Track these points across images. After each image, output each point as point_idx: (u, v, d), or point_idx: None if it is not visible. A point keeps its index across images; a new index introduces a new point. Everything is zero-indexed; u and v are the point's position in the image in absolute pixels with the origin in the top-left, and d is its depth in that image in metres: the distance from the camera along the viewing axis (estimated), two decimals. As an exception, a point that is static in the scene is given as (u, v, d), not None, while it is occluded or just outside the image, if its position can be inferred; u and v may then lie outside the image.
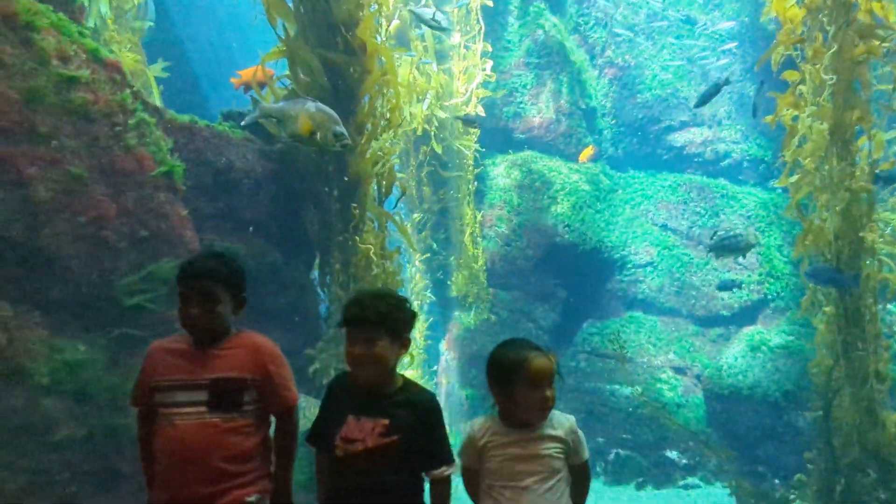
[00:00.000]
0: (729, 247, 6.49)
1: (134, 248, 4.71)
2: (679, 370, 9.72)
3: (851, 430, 5.39)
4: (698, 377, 9.59)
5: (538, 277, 10.69)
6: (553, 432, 2.31)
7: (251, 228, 5.45)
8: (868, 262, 5.41)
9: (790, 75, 5.87)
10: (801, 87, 5.76)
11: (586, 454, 2.38)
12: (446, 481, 2.37)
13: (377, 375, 2.32)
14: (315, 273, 6.41)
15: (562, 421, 2.35)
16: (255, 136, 5.85)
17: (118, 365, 4.67)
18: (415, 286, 9.99)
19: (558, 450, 2.29)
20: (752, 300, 9.83)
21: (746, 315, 9.81)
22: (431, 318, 10.51)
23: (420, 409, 2.35)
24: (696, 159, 11.07)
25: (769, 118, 6.34)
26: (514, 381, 2.28)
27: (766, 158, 10.69)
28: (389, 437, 2.23)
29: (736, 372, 9.09)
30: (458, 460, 2.39)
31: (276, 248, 5.77)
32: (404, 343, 2.36)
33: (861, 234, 5.29)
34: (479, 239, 9.97)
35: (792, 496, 6.48)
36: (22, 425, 4.21)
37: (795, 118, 5.97)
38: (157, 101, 5.31)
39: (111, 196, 4.61)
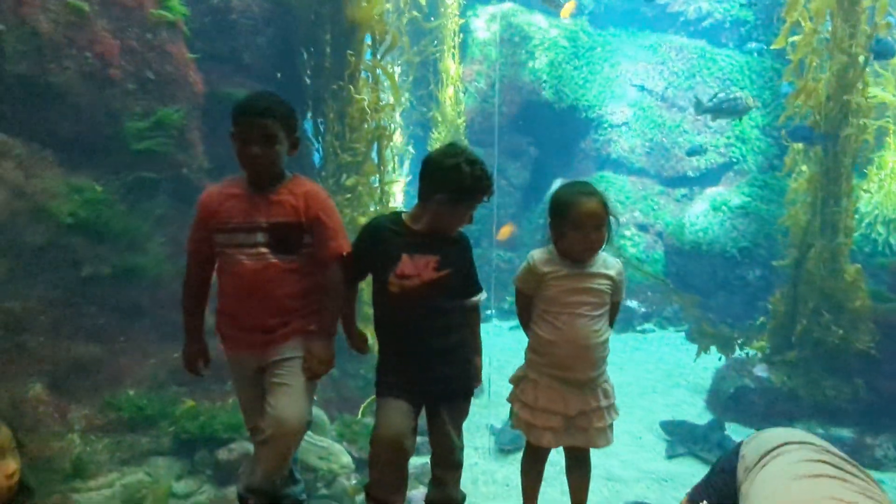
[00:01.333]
0: (727, 109, 6.71)
1: (140, 88, 4.60)
2: (642, 227, 10.32)
3: (815, 278, 6.01)
4: (660, 234, 10.23)
5: (511, 135, 10.83)
6: (605, 271, 2.55)
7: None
8: (853, 123, 5.76)
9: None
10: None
11: (624, 294, 2.68)
12: (478, 307, 2.70)
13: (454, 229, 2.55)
14: (308, 122, 6.37)
15: (612, 263, 2.59)
16: (248, -28, 5.54)
17: (133, 206, 4.74)
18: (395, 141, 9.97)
19: (608, 286, 2.56)
20: (718, 163, 10.31)
21: (711, 177, 10.33)
22: (410, 177, 10.66)
23: (463, 247, 2.60)
24: (678, 18, 10.98)
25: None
26: (564, 221, 2.46)
27: (748, 19, 10.69)
28: (440, 271, 2.48)
29: (697, 229, 9.75)
30: (515, 285, 2.63)
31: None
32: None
33: (849, 98, 5.59)
34: (461, 95, 9.89)
35: (739, 339, 7.27)
36: (51, 261, 4.32)
37: None
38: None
39: (114, 33, 4.42)
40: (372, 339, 2.73)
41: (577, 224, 2.44)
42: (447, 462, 2.66)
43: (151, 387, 4.88)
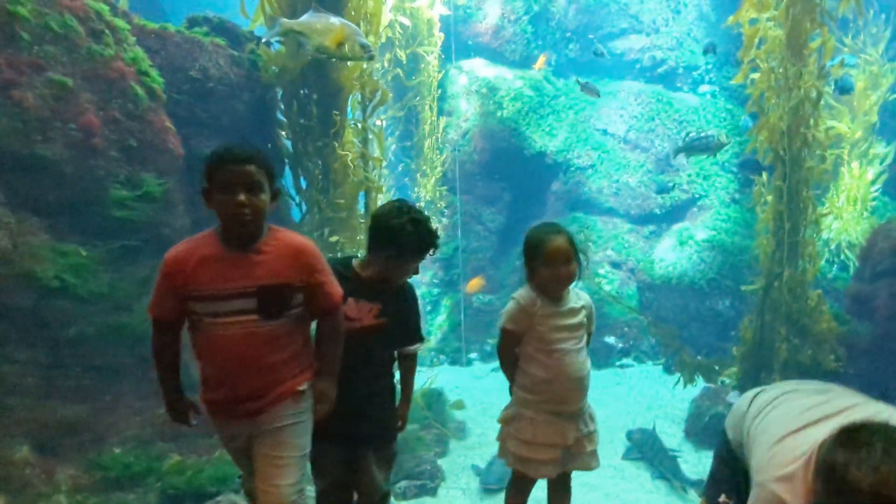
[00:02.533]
0: (699, 147, 7.04)
1: (123, 155, 4.83)
2: (616, 265, 10.63)
3: (781, 304, 6.29)
4: (632, 270, 10.54)
5: (486, 181, 11.20)
6: (579, 304, 2.78)
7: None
8: (811, 156, 6.15)
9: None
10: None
11: (595, 324, 2.89)
12: (415, 356, 2.88)
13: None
14: (287, 179, 6.62)
15: (582, 294, 2.82)
16: (224, 41, 5.87)
17: (117, 270, 4.90)
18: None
19: (585, 319, 2.80)
20: (682, 199, 10.73)
21: (676, 213, 10.73)
22: None
23: (407, 296, 2.81)
24: (635, 65, 11.57)
25: (730, 19, 6.70)
26: (535, 259, 2.70)
27: (699, 65, 11.31)
28: (380, 318, 2.65)
29: (666, 264, 10.09)
30: (501, 323, 2.81)
31: (252, 155, 5.93)
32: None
33: (805, 131, 5.98)
34: (438, 145, 10.28)
35: (716, 367, 7.50)
36: (37, 324, 4.45)
37: (753, 21, 6.43)
38: (124, 5, 5.24)
39: (97, 104, 4.67)
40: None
41: (548, 261, 2.66)
42: (373, 500, 2.82)
43: (138, 444, 4.95)
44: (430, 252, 2.68)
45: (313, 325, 2.60)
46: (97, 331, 4.77)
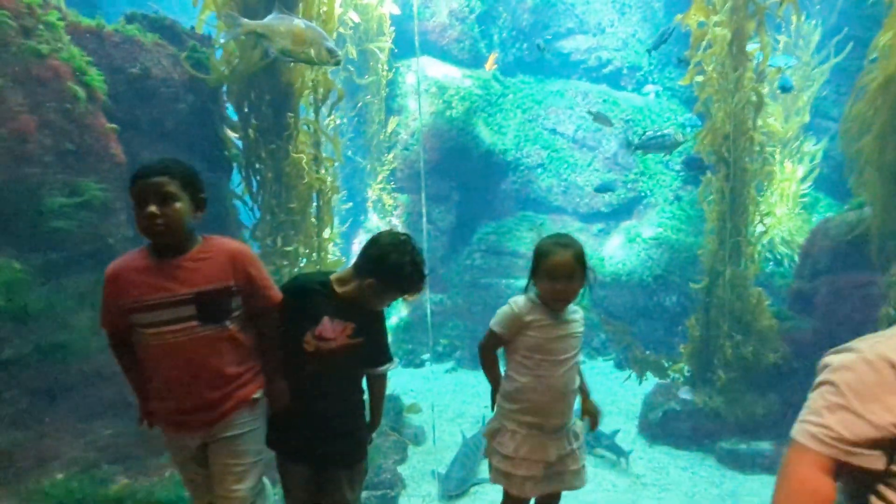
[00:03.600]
0: (656, 145, 7.12)
1: (59, 161, 4.52)
2: (565, 263, 10.75)
3: (724, 302, 6.47)
4: (582, 268, 10.69)
5: (435, 180, 11.13)
6: (576, 317, 2.70)
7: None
8: (752, 159, 6.33)
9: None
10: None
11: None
12: (384, 376, 2.81)
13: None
14: (235, 184, 6.38)
15: (577, 309, 2.75)
16: (165, 41, 5.59)
17: (55, 283, 4.60)
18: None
19: (580, 331, 2.72)
20: (628, 198, 10.94)
21: (623, 211, 10.94)
22: (351, 220, 10.78)
23: (376, 315, 2.71)
24: (581, 65, 11.71)
25: (679, 17, 6.82)
26: (540, 270, 2.60)
27: (641, 66, 11.54)
28: (355, 338, 2.55)
29: (616, 261, 10.27)
30: (491, 323, 2.70)
31: (198, 160, 5.68)
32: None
33: (747, 134, 6.15)
34: (388, 144, 10.13)
35: (666, 363, 7.67)
36: (-34, 346, 4.12)
37: (701, 24, 6.57)
38: (60, 2, 4.90)
39: (30, 107, 4.35)
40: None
41: (550, 274, 2.56)
42: None
43: (82, 468, 4.66)
44: (409, 295, 2.61)
45: None
46: (35, 349, 4.46)
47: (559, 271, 2.55)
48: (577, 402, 2.77)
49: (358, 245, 10.72)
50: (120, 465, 4.82)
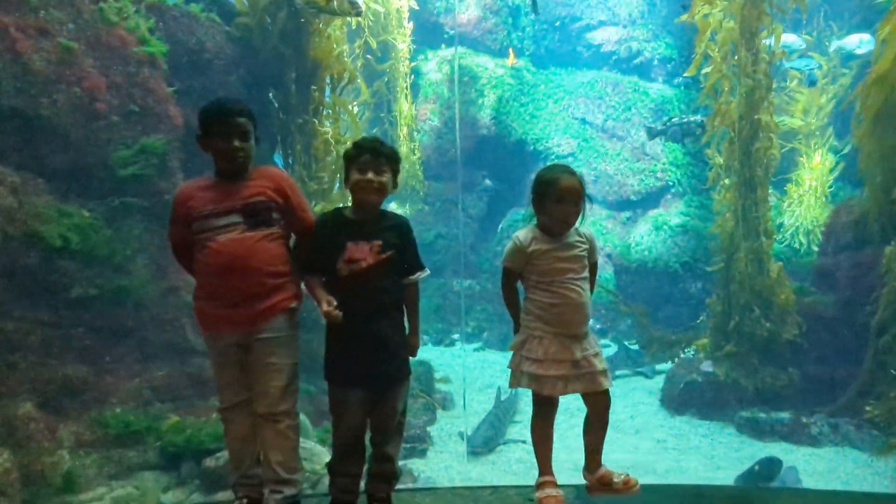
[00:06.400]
0: (683, 132, 7.30)
1: (125, 120, 4.95)
2: (592, 250, 10.95)
3: (744, 277, 6.65)
4: (609, 255, 10.87)
5: (467, 169, 11.43)
6: (579, 237, 2.94)
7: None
8: (762, 138, 6.52)
9: (705, -24, 6.67)
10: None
11: (598, 255, 3.07)
12: (417, 286, 3.01)
13: (377, 202, 2.83)
14: (278, 156, 6.78)
15: (583, 229, 2.97)
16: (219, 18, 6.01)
17: (117, 232, 5.02)
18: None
19: (585, 250, 2.94)
20: (657, 186, 11.09)
21: (651, 200, 11.09)
22: None
23: (402, 229, 2.91)
24: (612, 56, 11.91)
25: (683, 17, 7.14)
26: (546, 197, 2.78)
27: (673, 57, 11.69)
28: (385, 253, 2.75)
29: (642, 248, 10.44)
30: (501, 261, 2.99)
31: (247, 129, 6.08)
32: (395, 184, 2.85)
33: (758, 116, 6.35)
34: (415, 133, 10.45)
35: (684, 342, 7.86)
36: (41, 284, 4.55)
37: (706, 15, 6.82)
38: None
39: (100, 69, 4.79)
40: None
41: (559, 198, 2.71)
42: (389, 428, 2.96)
43: (137, 404, 5.07)
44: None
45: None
46: (99, 293, 4.87)
47: (569, 195, 2.74)
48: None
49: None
50: (171, 404, 5.22)
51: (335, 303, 2.73)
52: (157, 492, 4.86)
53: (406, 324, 3.07)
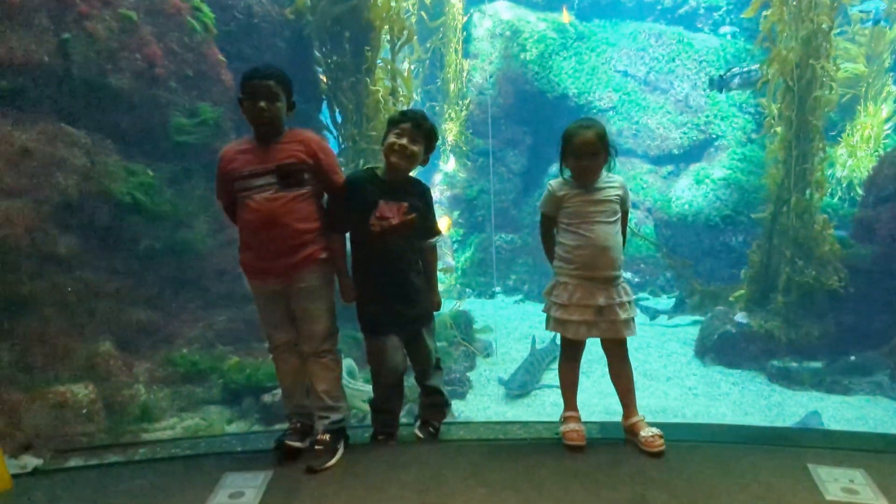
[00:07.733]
0: (742, 82, 7.22)
1: (181, 85, 5.31)
2: (634, 204, 10.98)
3: (788, 228, 6.68)
4: (650, 209, 10.91)
5: (509, 124, 11.53)
6: (610, 185, 3.13)
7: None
8: (820, 87, 6.43)
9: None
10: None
11: (630, 204, 3.26)
12: (435, 248, 3.33)
13: (406, 168, 3.12)
14: (325, 114, 7.08)
15: (615, 177, 3.15)
16: (264, -18, 6.26)
17: (178, 190, 5.44)
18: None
19: (616, 196, 3.13)
20: (699, 139, 10.98)
21: (694, 153, 11.00)
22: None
23: (426, 196, 3.22)
24: (657, 6, 11.68)
25: None
26: (566, 152, 3.04)
27: (720, 5, 11.39)
28: (410, 215, 3.07)
29: (683, 202, 10.43)
30: (538, 206, 3.25)
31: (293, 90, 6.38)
32: (426, 159, 3.14)
33: (815, 63, 6.25)
34: (464, 89, 10.57)
35: (723, 293, 7.94)
36: (113, 238, 5.02)
37: None
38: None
39: (157, 37, 5.14)
40: None
41: (576, 153, 2.96)
42: (430, 365, 3.33)
43: (201, 346, 5.58)
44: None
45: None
46: (164, 246, 5.33)
47: (584, 149, 2.97)
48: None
49: (437, 183, 11.34)
50: (231, 346, 5.71)
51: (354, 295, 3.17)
52: (223, 423, 5.39)
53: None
